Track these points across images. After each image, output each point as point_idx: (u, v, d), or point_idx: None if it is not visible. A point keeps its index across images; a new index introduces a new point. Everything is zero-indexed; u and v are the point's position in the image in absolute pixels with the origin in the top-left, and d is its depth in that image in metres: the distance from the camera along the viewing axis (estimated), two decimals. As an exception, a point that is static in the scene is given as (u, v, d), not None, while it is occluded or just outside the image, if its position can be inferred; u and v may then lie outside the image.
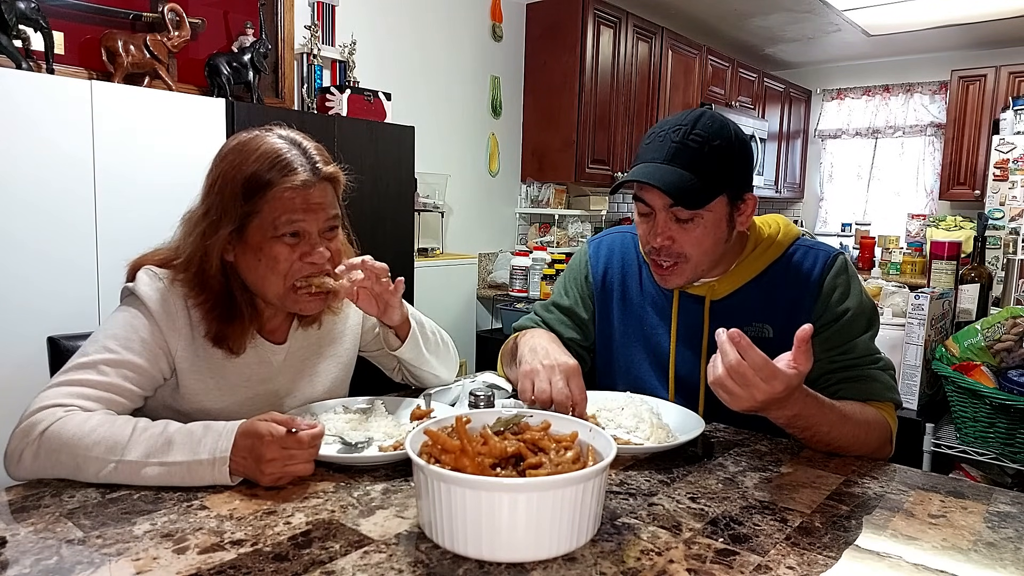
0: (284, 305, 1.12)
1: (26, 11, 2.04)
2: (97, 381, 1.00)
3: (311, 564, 0.72)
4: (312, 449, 0.92)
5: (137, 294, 1.07)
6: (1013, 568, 0.76)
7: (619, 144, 4.31)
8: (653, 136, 1.19)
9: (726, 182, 1.16)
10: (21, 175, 1.88)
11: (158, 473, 0.89)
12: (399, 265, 2.99)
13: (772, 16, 4.97)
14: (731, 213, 1.19)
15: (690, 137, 1.14)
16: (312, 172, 1.08)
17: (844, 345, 1.20)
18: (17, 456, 0.92)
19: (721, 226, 1.19)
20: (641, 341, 1.35)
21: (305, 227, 1.08)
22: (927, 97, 5.94)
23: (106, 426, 0.92)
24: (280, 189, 1.05)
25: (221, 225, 1.06)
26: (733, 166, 1.17)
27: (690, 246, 1.18)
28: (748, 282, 1.26)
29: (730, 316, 1.25)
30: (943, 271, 2.16)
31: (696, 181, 1.13)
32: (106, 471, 0.89)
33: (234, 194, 1.05)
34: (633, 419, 1.13)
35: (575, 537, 0.75)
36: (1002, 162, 4.58)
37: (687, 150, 1.14)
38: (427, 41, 3.64)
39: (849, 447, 1.10)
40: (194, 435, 0.91)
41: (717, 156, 1.14)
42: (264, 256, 1.07)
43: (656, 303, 1.33)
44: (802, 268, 1.24)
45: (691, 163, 1.13)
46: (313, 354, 1.25)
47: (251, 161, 1.06)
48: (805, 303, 1.22)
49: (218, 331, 1.09)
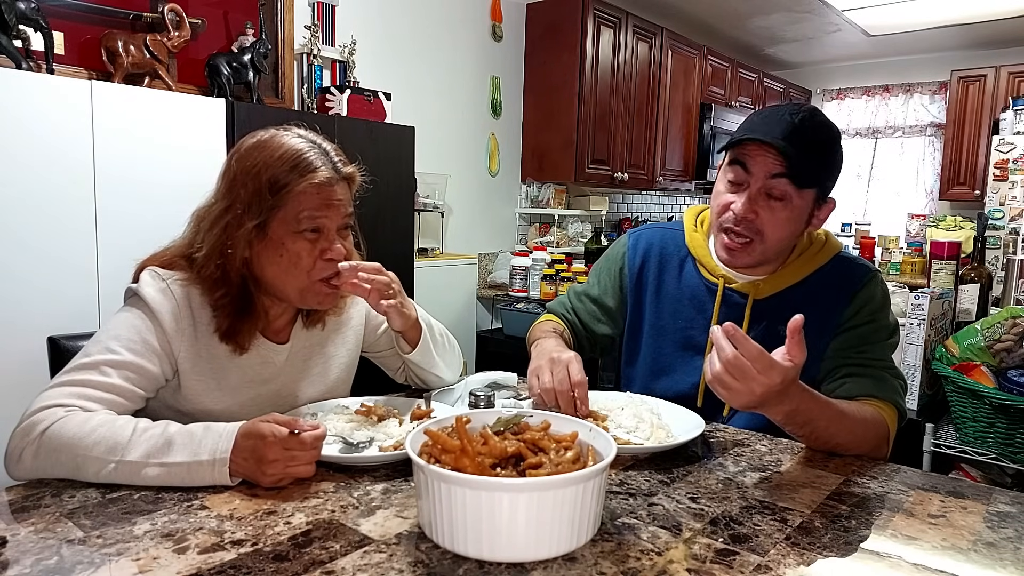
0: (302, 300, 1.13)
1: (26, 11, 2.04)
2: (99, 382, 1.00)
3: (311, 564, 0.72)
4: (314, 451, 0.92)
5: (140, 295, 1.07)
6: (1013, 568, 0.76)
7: (619, 144, 4.32)
8: (769, 112, 1.21)
9: (824, 177, 1.20)
10: (21, 175, 1.88)
11: (158, 473, 0.89)
12: (399, 265, 2.99)
13: (772, 16, 4.97)
14: (812, 211, 1.22)
15: (808, 123, 1.17)
16: (334, 170, 1.11)
17: (861, 346, 1.22)
18: (17, 455, 0.92)
19: (802, 218, 1.22)
20: (673, 333, 1.36)
21: (326, 223, 1.10)
22: (927, 97, 5.94)
23: (107, 426, 0.92)
24: (304, 185, 1.07)
25: (245, 219, 1.06)
26: (832, 164, 1.21)
27: (771, 227, 1.20)
28: (792, 285, 1.28)
29: (770, 316, 1.27)
30: (943, 271, 2.16)
31: (805, 161, 1.15)
32: (106, 471, 0.89)
33: (258, 189, 1.06)
34: (633, 419, 1.13)
35: (575, 537, 0.75)
36: (1002, 162, 4.58)
37: (804, 132, 1.16)
38: (427, 41, 3.64)
39: (846, 444, 1.10)
40: (194, 436, 0.91)
41: (825, 149, 1.19)
42: (286, 252, 1.08)
43: (696, 297, 1.34)
44: (842, 278, 1.28)
45: (803, 144, 1.15)
46: (315, 354, 1.25)
47: (275, 158, 1.07)
48: (838, 307, 1.25)
49: (230, 327, 1.10)
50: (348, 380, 1.32)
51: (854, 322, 1.24)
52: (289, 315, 1.21)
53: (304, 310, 1.22)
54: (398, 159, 2.93)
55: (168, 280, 1.09)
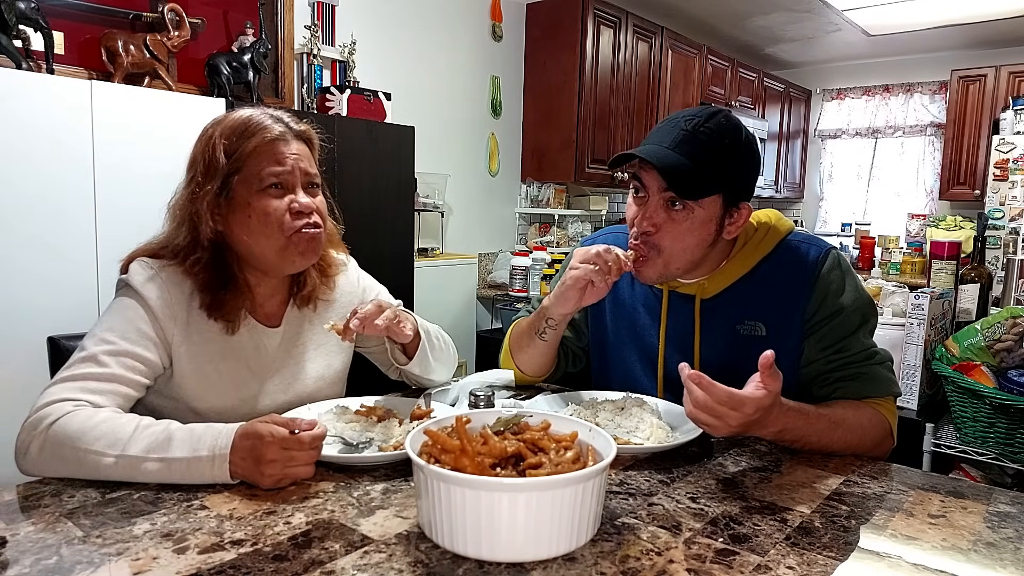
0: (284, 259, 1.13)
1: (26, 11, 2.04)
2: (99, 373, 1.01)
3: (311, 564, 0.72)
4: (313, 451, 0.92)
5: (131, 284, 1.10)
6: (1013, 568, 0.76)
7: (619, 144, 4.31)
8: (666, 122, 1.18)
9: (725, 183, 1.14)
10: (21, 175, 1.88)
11: (158, 468, 0.89)
12: (399, 265, 2.99)
13: (772, 16, 4.97)
14: (722, 217, 1.17)
15: (701, 129, 1.13)
16: (285, 127, 1.14)
17: (839, 343, 1.18)
18: (24, 449, 0.94)
19: (708, 227, 1.16)
20: (633, 341, 1.35)
21: (287, 179, 1.12)
22: (927, 97, 5.94)
23: (110, 422, 0.93)
24: (256, 142, 1.10)
25: (205, 186, 1.10)
26: (736, 168, 1.15)
27: (671, 238, 1.16)
28: (738, 279, 1.24)
29: (721, 314, 1.25)
30: (943, 271, 2.16)
31: (696, 172, 1.11)
32: (106, 464, 0.89)
33: (214, 158, 1.10)
34: (633, 419, 1.13)
35: (575, 537, 0.75)
36: (1002, 162, 4.58)
37: (695, 140, 1.12)
38: (427, 41, 3.64)
39: (844, 451, 1.10)
40: (195, 432, 0.92)
41: (722, 154, 1.13)
42: (254, 212, 1.10)
43: (647, 303, 1.33)
44: (794, 264, 1.22)
45: (695, 154, 1.12)
46: (309, 340, 1.25)
47: (226, 127, 1.12)
48: (798, 301, 1.20)
49: (213, 300, 1.12)
50: (344, 369, 1.32)
51: (820, 316, 1.19)
52: (280, 297, 1.22)
53: (295, 291, 1.23)
54: (398, 159, 2.93)
55: (156, 268, 1.12)
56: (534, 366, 1.38)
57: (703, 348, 1.26)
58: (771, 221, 1.26)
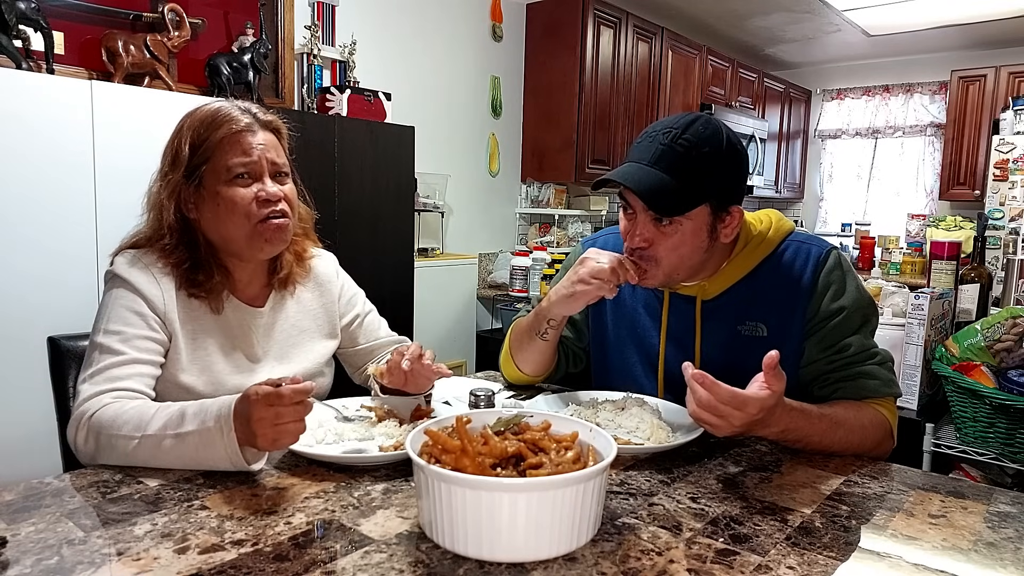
0: (252, 245, 1.16)
1: (26, 11, 2.04)
2: (118, 360, 1.06)
3: (311, 564, 0.72)
4: (299, 406, 0.90)
5: (117, 274, 1.14)
6: (1013, 568, 0.76)
7: (619, 144, 4.31)
8: (644, 136, 1.16)
9: (710, 191, 1.13)
10: (21, 176, 1.88)
11: (173, 444, 0.94)
12: (399, 265, 2.99)
13: (772, 16, 4.97)
14: (713, 223, 1.16)
15: (678, 141, 1.11)
16: (252, 118, 1.17)
17: (838, 344, 1.18)
18: (73, 443, 1.01)
19: (701, 235, 1.16)
20: (634, 342, 1.35)
21: (255, 168, 1.14)
22: (927, 97, 5.94)
23: (137, 409, 0.99)
24: (223, 133, 1.13)
25: (169, 174, 1.15)
26: (719, 175, 1.14)
27: (665, 251, 1.16)
28: (739, 280, 1.24)
29: (722, 316, 1.25)
30: (943, 271, 2.16)
31: (677, 187, 1.10)
32: (133, 447, 0.95)
33: (180, 148, 1.14)
34: (633, 419, 1.13)
35: (575, 537, 0.75)
36: (1002, 162, 4.58)
37: (672, 154, 1.11)
38: (427, 41, 3.64)
39: (845, 451, 1.11)
40: (204, 405, 0.96)
41: (703, 163, 1.11)
42: (223, 200, 1.13)
43: (648, 304, 1.33)
44: (794, 265, 1.22)
45: (675, 168, 1.11)
46: (295, 321, 1.28)
47: (195, 120, 1.15)
48: (798, 302, 1.20)
49: (189, 279, 1.15)
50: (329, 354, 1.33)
51: (822, 316, 1.19)
52: (261, 280, 1.25)
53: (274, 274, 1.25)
54: (398, 159, 2.93)
55: (137, 255, 1.16)
56: (534, 365, 1.38)
57: (704, 349, 1.26)
58: (772, 222, 1.26)
